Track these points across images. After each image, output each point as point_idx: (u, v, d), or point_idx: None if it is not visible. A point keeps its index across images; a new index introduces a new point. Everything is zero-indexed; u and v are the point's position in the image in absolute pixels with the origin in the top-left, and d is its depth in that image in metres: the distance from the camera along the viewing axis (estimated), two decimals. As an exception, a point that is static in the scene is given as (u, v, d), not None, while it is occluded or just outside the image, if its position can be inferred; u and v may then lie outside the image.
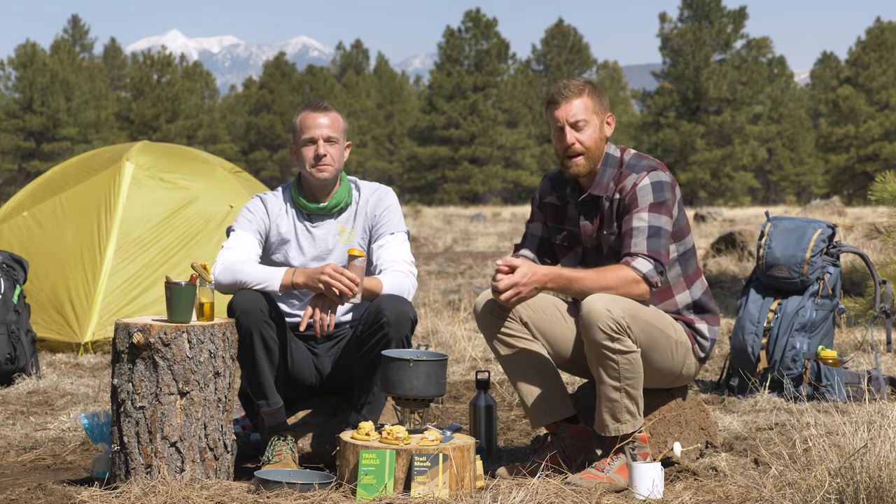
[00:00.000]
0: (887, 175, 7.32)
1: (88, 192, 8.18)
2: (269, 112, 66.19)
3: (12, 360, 6.57)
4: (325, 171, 4.36)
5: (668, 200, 4.14)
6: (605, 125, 4.22)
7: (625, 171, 4.20)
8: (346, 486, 3.78)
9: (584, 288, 4.02)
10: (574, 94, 4.18)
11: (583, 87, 4.20)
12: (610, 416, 4.01)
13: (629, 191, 4.15)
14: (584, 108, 4.17)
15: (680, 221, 4.22)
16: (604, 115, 4.22)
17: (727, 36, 57.14)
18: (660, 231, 4.09)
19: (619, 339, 3.93)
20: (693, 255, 4.30)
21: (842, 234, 13.31)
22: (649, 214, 4.10)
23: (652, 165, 4.19)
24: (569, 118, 4.17)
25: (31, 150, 57.49)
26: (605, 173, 4.22)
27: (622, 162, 4.23)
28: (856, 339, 7.48)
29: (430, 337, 7.84)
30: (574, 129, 4.17)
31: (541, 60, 66.36)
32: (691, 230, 4.32)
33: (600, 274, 4.05)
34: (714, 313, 4.34)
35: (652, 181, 4.14)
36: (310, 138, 4.35)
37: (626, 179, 4.17)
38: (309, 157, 4.35)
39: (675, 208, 4.18)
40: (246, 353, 4.15)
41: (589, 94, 4.19)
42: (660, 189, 4.13)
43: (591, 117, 4.18)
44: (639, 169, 4.18)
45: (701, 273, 4.34)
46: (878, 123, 56.73)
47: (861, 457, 3.34)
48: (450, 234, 23.43)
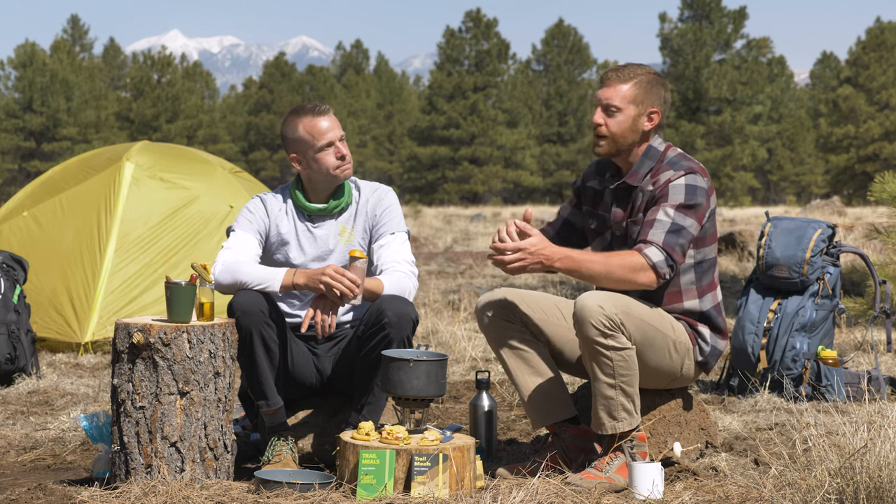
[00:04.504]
0: (886, 175, 7.33)
1: (88, 192, 8.18)
2: (269, 112, 66.18)
3: (12, 360, 6.57)
4: (349, 169, 4.41)
5: (700, 206, 4.08)
6: (642, 118, 4.17)
7: (664, 166, 4.16)
8: (346, 486, 3.78)
9: (591, 271, 4.00)
10: (620, 80, 4.17)
11: (635, 75, 4.18)
12: (606, 413, 4.00)
13: (662, 185, 4.11)
14: (622, 95, 4.16)
15: (707, 229, 4.17)
16: (645, 108, 4.17)
17: (727, 36, 57.15)
18: (682, 230, 4.04)
19: (612, 335, 3.92)
20: (712, 268, 4.23)
21: (842, 234, 13.31)
22: (676, 212, 4.05)
23: (692, 168, 4.13)
24: (603, 100, 4.18)
25: (31, 150, 57.49)
26: (643, 164, 4.20)
27: (664, 157, 4.19)
28: (856, 339, 7.48)
29: (430, 337, 7.84)
30: (605, 111, 4.18)
31: (541, 60, 66.35)
32: (716, 242, 4.28)
33: (608, 258, 4.02)
34: (720, 329, 4.27)
35: (687, 182, 4.09)
36: (327, 143, 4.36)
37: (661, 174, 4.14)
38: (332, 160, 4.36)
39: (705, 216, 4.12)
40: (246, 354, 4.15)
41: (637, 83, 4.17)
42: (693, 193, 4.08)
43: (626, 106, 4.16)
44: (678, 167, 4.13)
45: (716, 287, 4.26)
46: (878, 123, 56.74)
47: (861, 457, 3.34)
48: (450, 234, 23.41)
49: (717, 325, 4.26)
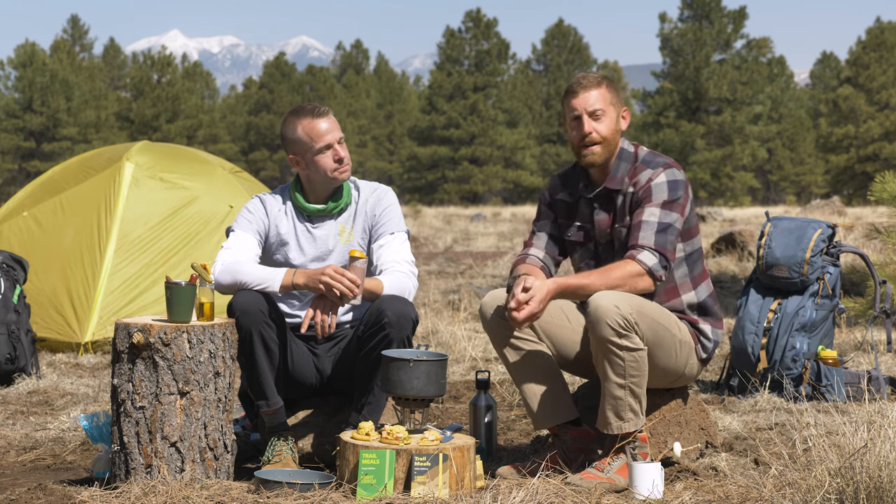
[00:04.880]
0: (886, 175, 7.32)
1: (88, 192, 8.18)
2: (269, 112, 66.19)
3: (12, 360, 6.57)
4: (347, 171, 4.39)
5: (680, 199, 4.16)
6: (620, 118, 4.26)
7: (639, 166, 4.23)
8: (346, 486, 3.78)
9: (593, 291, 4.03)
10: (592, 85, 4.22)
11: (601, 79, 4.26)
12: (613, 413, 4.01)
13: (643, 185, 4.17)
14: (601, 99, 4.21)
15: (690, 221, 4.23)
16: (620, 108, 4.26)
17: (727, 36, 57.14)
18: (669, 227, 4.11)
19: (626, 335, 3.94)
20: (700, 257, 4.31)
21: (842, 234, 13.31)
22: (661, 210, 4.12)
23: (668, 163, 4.22)
24: (587, 107, 4.21)
25: (31, 150, 57.50)
26: (619, 167, 4.24)
27: (636, 157, 4.26)
28: (856, 339, 7.48)
29: (430, 337, 7.84)
30: (592, 118, 4.20)
31: (541, 60, 66.37)
32: (700, 231, 4.33)
33: (605, 273, 4.06)
34: (717, 317, 4.34)
35: (668, 179, 4.17)
36: (325, 145, 4.35)
37: (640, 174, 4.20)
38: (330, 163, 4.35)
39: (686, 207, 4.20)
40: (246, 354, 4.15)
41: (606, 86, 4.24)
42: (675, 187, 4.16)
43: (608, 108, 4.22)
44: (654, 165, 4.21)
45: (707, 276, 4.35)
46: (878, 123, 56.75)
47: (861, 457, 3.34)
48: (450, 234, 23.41)
49: (714, 315, 4.33)
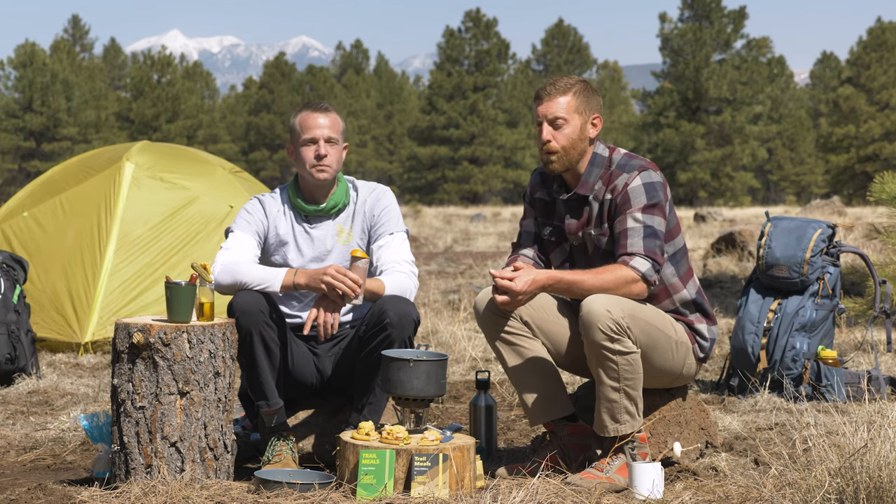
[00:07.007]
0: (886, 175, 7.32)
1: (88, 192, 8.18)
2: (269, 112, 66.20)
3: (12, 360, 6.57)
4: (325, 172, 4.35)
5: (660, 201, 4.12)
6: (588, 125, 4.19)
7: (615, 170, 4.18)
8: (346, 486, 3.78)
9: (584, 290, 4.02)
10: (558, 92, 4.17)
11: (571, 85, 4.18)
12: (609, 416, 4.01)
13: (620, 191, 4.13)
14: (565, 107, 4.16)
15: (670, 222, 4.20)
16: (588, 116, 4.18)
17: (727, 36, 57.14)
18: (655, 231, 4.09)
19: (618, 339, 3.93)
20: (685, 255, 4.29)
21: (842, 234, 13.31)
22: (643, 215, 4.09)
23: (643, 165, 4.16)
24: (548, 115, 4.17)
25: (31, 150, 57.50)
26: (591, 173, 4.20)
27: (611, 162, 4.20)
28: (856, 339, 7.48)
29: (430, 337, 7.84)
30: (552, 126, 4.17)
31: (541, 60, 66.37)
32: (681, 230, 4.32)
33: (599, 274, 4.04)
34: (710, 314, 4.33)
35: (644, 182, 4.12)
36: (310, 138, 4.34)
37: (616, 179, 4.16)
38: (309, 157, 4.34)
39: (666, 208, 4.16)
40: (246, 354, 4.15)
41: (575, 93, 4.17)
42: (652, 190, 4.12)
43: (571, 116, 4.16)
44: (629, 169, 4.16)
45: (693, 273, 4.33)
46: (879, 123, 56.76)
47: (861, 457, 3.34)
48: (450, 234, 23.39)
49: (706, 311, 4.32)
